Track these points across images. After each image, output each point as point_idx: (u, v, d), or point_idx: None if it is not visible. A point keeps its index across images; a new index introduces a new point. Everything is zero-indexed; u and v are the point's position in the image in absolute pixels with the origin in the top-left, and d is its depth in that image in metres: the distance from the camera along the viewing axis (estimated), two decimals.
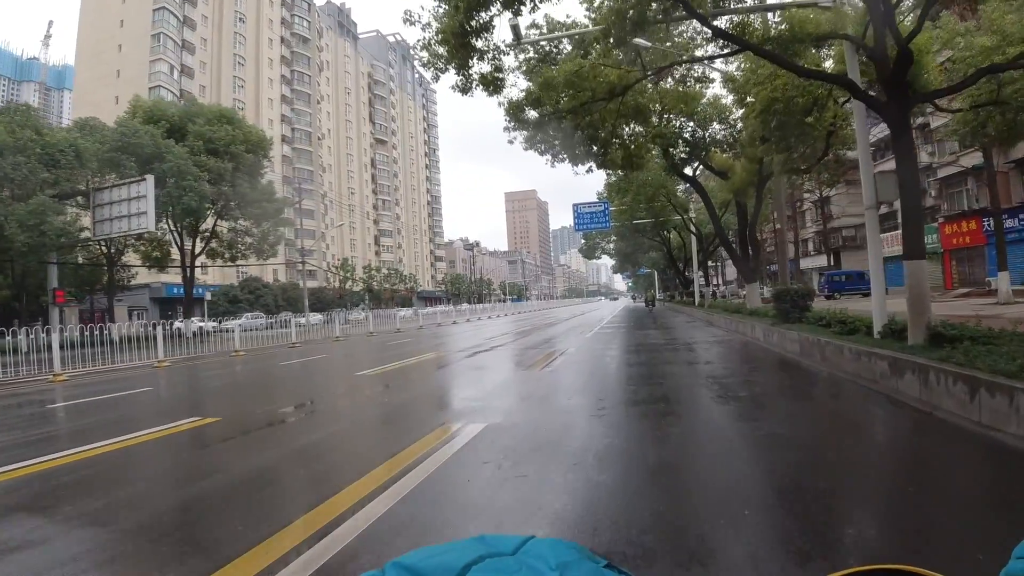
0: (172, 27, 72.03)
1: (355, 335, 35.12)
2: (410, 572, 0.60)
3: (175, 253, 40.88)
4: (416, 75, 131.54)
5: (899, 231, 44.29)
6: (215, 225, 41.21)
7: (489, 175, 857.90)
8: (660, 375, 9.89)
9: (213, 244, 43.26)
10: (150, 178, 30.60)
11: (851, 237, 53.33)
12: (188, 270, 40.70)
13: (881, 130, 39.43)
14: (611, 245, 54.49)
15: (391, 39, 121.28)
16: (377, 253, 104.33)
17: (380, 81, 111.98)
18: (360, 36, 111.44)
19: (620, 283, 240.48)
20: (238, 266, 73.03)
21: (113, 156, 33.10)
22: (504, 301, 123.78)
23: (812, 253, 56.23)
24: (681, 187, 32.26)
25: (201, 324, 51.54)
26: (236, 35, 78.80)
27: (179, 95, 70.91)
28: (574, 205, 36.14)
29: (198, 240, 41.78)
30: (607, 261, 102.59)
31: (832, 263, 53.64)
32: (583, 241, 57.25)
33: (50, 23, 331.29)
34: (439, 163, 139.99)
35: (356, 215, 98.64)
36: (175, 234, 39.50)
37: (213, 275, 69.68)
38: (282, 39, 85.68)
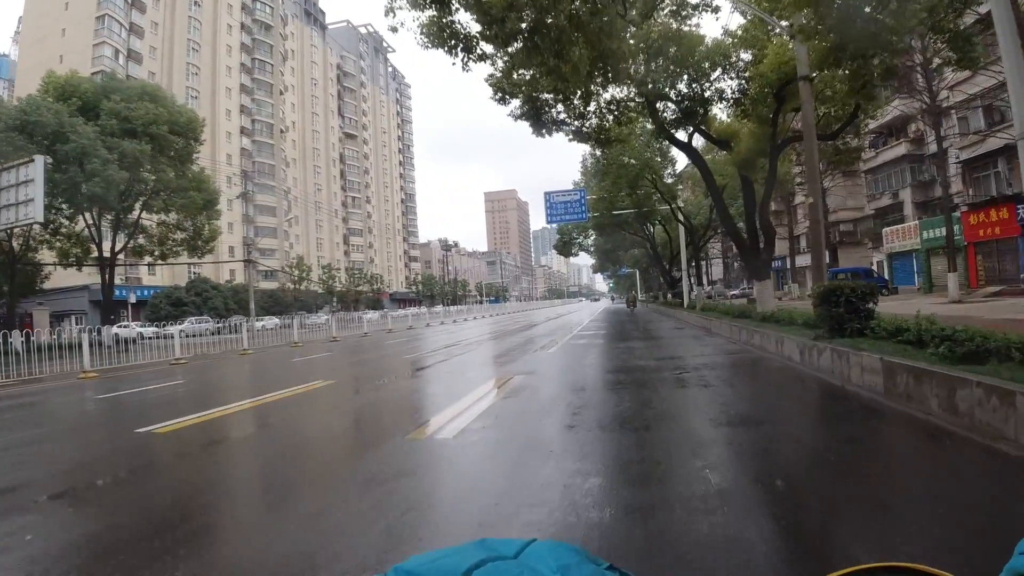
0: (119, 8, 66.66)
1: (314, 341, 32.12)
2: None
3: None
4: (390, 69, 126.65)
5: (907, 223, 40.70)
6: (139, 218, 36.18)
7: (469, 177, 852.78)
8: (663, 459, 4.94)
9: (141, 240, 38.27)
10: (39, 159, 25.52)
11: (849, 232, 49.43)
12: (108, 269, 35.57)
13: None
14: (590, 241, 50.09)
15: (362, 30, 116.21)
16: (347, 253, 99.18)
17: (350, 73, 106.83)
18: (329, 26, 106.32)
19: (602, 284, 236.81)
20: (190, 264, 68.03)
21: (8, 136, 28.21)
22: (481, 303, 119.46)
23: (805, 250, 52.11)
24: (668, 171, 28.00)
25: (140, 329, 46.84)
26: (191, 19, 73.48)
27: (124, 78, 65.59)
28: (546, 194, 31.70)
29: (124, 235, 36.89)
30: (586, 260, 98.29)
31: (829, 260, 49.62)
32: (558, 236, 52.83)
33: None
34: (414, 160, 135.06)
35: (323, 213, 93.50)
36: (91, 228, 34.43)
37: (161, 275, 64.42)
38: (242, 25, 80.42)
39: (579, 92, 18.33)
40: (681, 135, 17.40)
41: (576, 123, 20.07)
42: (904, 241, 37.61)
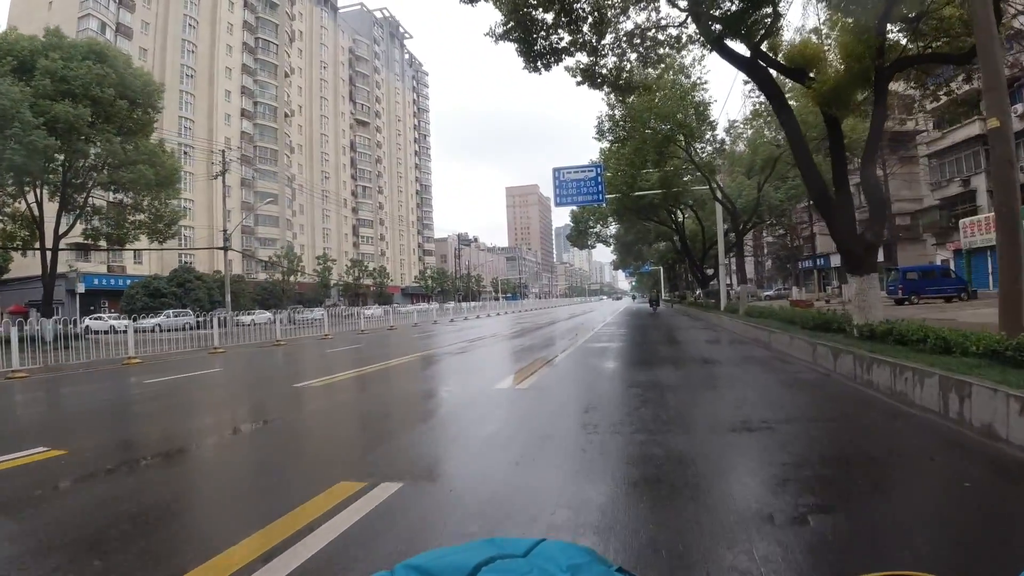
0: None
1: (302, 338, 28.81)
2: (421, 572, 0.60)
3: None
4: (406, 55, 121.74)
5: (983, 215, 34.48)
6: (87, 197, 31.46)
7: (491, 172, 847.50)
8: None
9: (96, 223, 33.50)
10: None
11: (906, 227, 43.28)
12: (51, 254, 30.80)
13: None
14: (609, 231, 44.50)
15: (377, 14, 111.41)
16: (355, 245, 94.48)
17: (363, 58, 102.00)
18: (341, 8, 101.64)
19: (623, 282, 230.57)
20: (184, 251, 63.68)
21: None
22: (497, 299, 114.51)
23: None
24: (707, 136, 22.27)
25: (113, 323, 42.24)
26: None
27: None
28: (555, 170, 26.29)
29: (72, 216, 32.24)
30: (608, 256, 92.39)
31: (884, 259, 43.54)
32: (570, 224, 46.92)
33: None
34: (430, 150, 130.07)
35: (331, 202, 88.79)
36: (31, 207, 29.84)
37: (149, 264, 60.10)
38: (245, 2, 75.87)
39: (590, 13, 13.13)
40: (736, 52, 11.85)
41: (586, 58, 14.73)
42: (989, 234, 31.52)
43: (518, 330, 26.20)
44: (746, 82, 21.47)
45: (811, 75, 11.19)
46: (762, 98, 21.58)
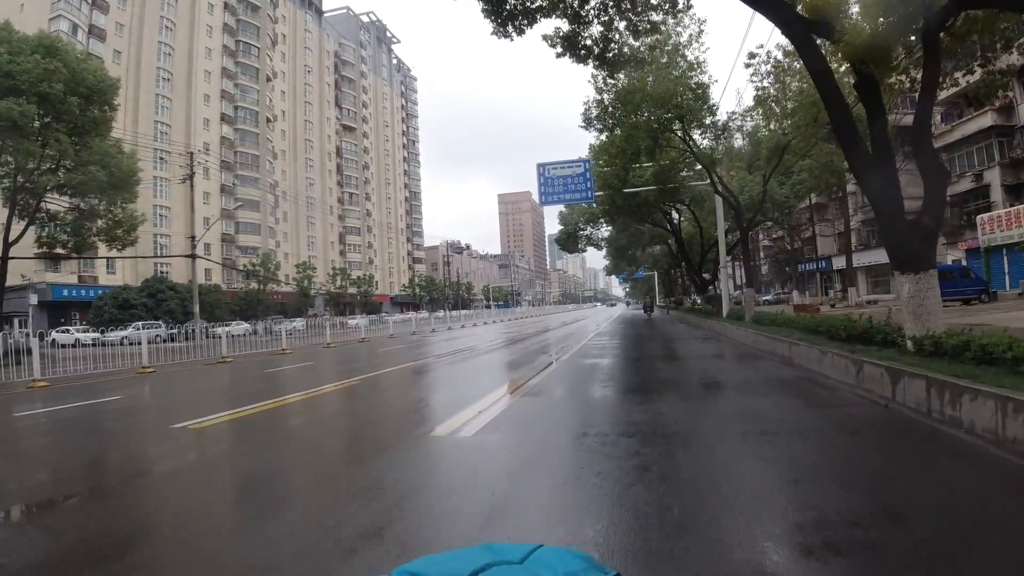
0: None
1: (258, 355, 24.50)
2: None
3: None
4: (394, 60, 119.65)
5: (1000, 211, 32.24)
6: (38, 203, 29.12)
7: (484, 181, 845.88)
8: None
9: (51, 229, 31.11)
10: None
11: None
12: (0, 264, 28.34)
13: None
14: (600, 233, 41.94)
15: (364, 18, 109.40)
16: (342, 253, 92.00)
17: (349, 62, 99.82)
18: (327, 12, 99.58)
19: (618, 289, 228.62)
20: (161, 259, 61.21)
21: None
22: (489, 307, 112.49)
23: (858, 248, 43.96)
24: (708, 120, 19.94)
25: (79, 335, 39.97)
26: None
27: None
28: (539, 166, 24.13)
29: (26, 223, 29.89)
30: (600, 262, 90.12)
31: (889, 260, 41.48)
32: (560, 227, 44.23)
33: None
34: (420, 156, 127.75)
35: (316, 209, 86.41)
36: None
37: (123, 274, 57.60)
38: (225, 4, 73.70)
39: None
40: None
41: (567, 25, 12.55)
42: (1010, 231, 29.47)
43: (500, 342, 23.95)
44: (747, 64, 19.32)
45: (834, 28, 8.97)
46: (765, 83, 19.47)
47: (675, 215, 34.36)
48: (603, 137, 21.18)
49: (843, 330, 10.13)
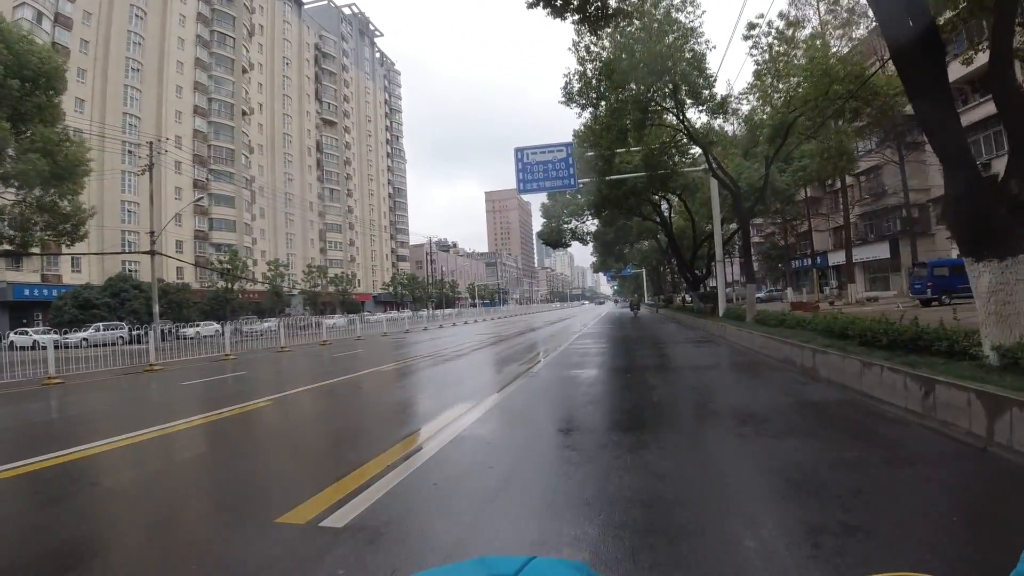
0: None
1: (194, 362, 21.82)
2: None
3: None
4: (377, 54, 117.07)
5: None
6: None
7: (471, 179, 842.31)
8: None
9: None
10: None
11: (915, 220, 39.35)
12: None
13: None
14: (586, 227, 39.51)
15: (346, 10, 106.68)
16: (323, 251, 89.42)
17: (330, 55, 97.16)
18: (307, 4, 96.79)
19: (606, 287, 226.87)
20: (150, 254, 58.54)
21: None
22: (474, 305, 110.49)
23: (855, 243, 42.12)
24: (705, 94, 17.72)
25: (38, 337, 37.52)
26: None
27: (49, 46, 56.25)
28: (517, 151, 22.03)
29: None
30: (588, 259, 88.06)
31: (890, 255, 39.61)
32: (543, 221, 41.68)
33: None
34: (404, 152, 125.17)
35: (295, 205, 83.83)
36: None
37: (89, 272, 54.87)
38: None
39: None
40: None
41: None
42: None
43: (472, 344, 21.94)
44: (746, 36, 17.28)
45: None
46: (767, 56, 17.42)
47: (665, 206, 32.32)
48: (586, 115, 19.02)
49: (883, 334, 8.03)
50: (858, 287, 38.31)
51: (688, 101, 16.96)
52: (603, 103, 16.99)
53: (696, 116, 19.49)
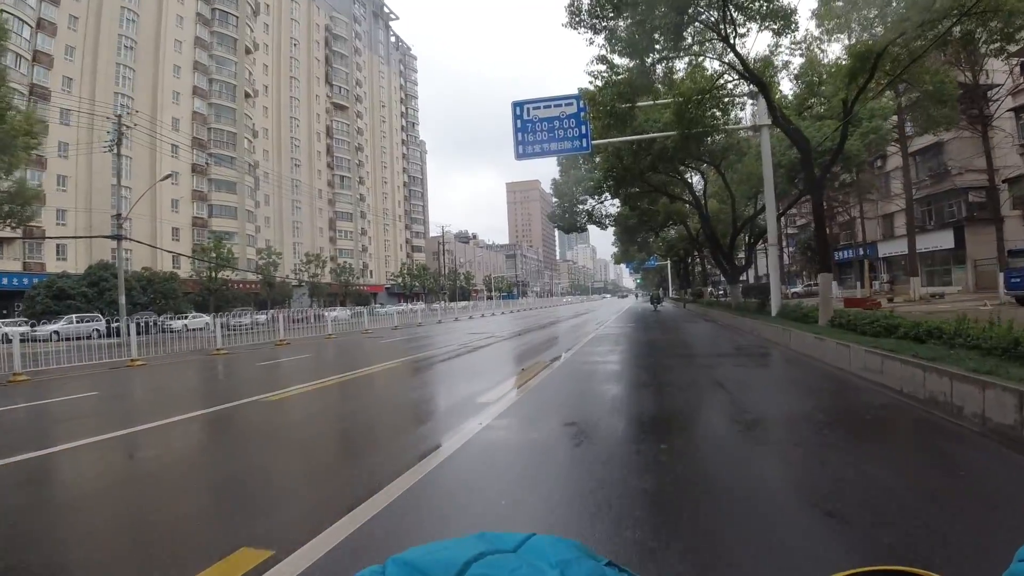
0: None
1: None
2: (411, 568, 0.60)
3: None
4: (392, 37, 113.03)
5: None
6: None
7: (494, 173, 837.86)
8: None
9: None
10: None
11: (980, 205, 34.28)
12: None
13: None
14: (606, 208, 34.32)
15: None
16: (332, 240, 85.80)
17: (341, 37, 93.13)
18: None
19: (629, 280, 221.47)
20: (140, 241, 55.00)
21: None
22: (491, 298, 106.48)
23: (903, 233, 37.15)
24: (763, 25, 13.07)
25: (7, 329, 33.98)
26: None
27: (35, 24, 52.90)
28: (515, 105, 17.53)
29: None
30: (609, 249, 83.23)
31: (954, 245, 34.56)
32: (554, 201, 36.99)
33: None
34: (419, 139, 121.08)
35: (303, 192, 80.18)
36: None
37: (76, 260, 51.47)
38: None
39: None
40: None
41: None
42: None
43: (466, 345, 17.78)
44: None
45: None
46: None
47: (698, 183, 27.54)
48: (597, 47, 14.33)
49: None
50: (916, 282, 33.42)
51: (739, 17, 12.28)
52: (624, 16, 12.46)
53: (747, 47, 14.96)
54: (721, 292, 42.86)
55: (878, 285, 38.38)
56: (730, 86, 15.86)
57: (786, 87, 21.56)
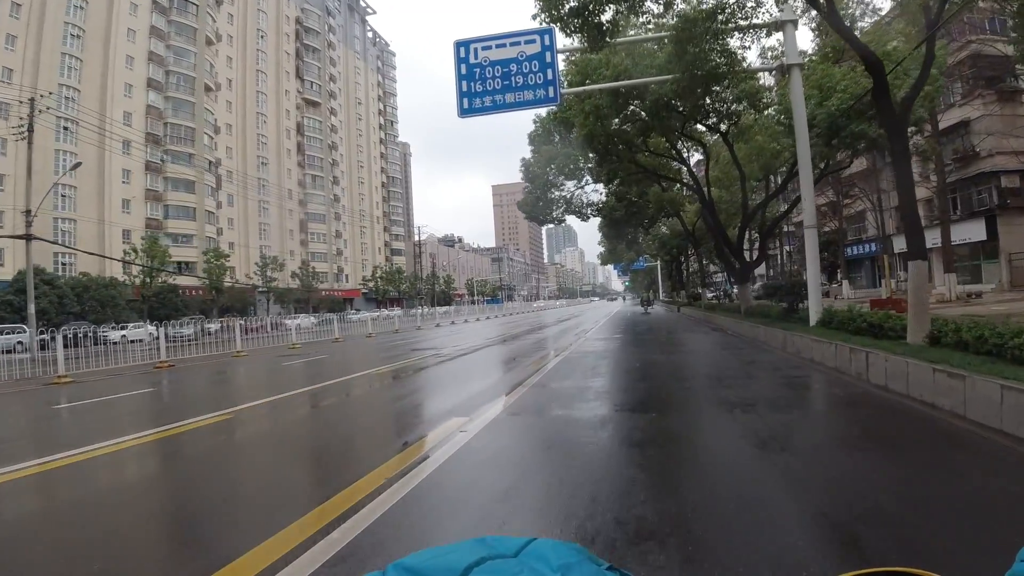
0: None
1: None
2: (412, 573, 0.60)
3: None
4: (369, 32, 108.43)
5: None
6: None
7: (479, 175, 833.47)
8: None
9: None
10: None
11: (1014, 190, 30.29)
12: None
13: None
14: (587, 195, 29.12)
15: None
16: (303, 242, 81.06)
17: (314, 30, 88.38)
18: None
19: (617, 281, 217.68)
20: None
21: None
22: (474, 303, 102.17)
23: (935, 222, 33.16)
24: None
25: None
26: None
27: None
28: (457, 45, 13.10)
29: None
30: (597, 250, 78.90)
31: (987, 237, 30.49)
32: (525, 186, 29.45)
33: None
34: (399, 138, 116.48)
35: (272, 192, 75.46)
36: None
37: (14, 264, 46.47)
38: None
39: None
40: None
41: None
42: None
43: (404, 367, 13.55)
44: None
45: None
46: None
47: (697, 165, 23.19)
48: None
49: None
50: (937, 278, 29.37)
51: None
52: None
53: None
54: (717, 294, 38.67)
55: (895, 284, 34.27)
56: (749, 4, 11.56)
57: None
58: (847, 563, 2.91)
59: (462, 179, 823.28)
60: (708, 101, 15.49)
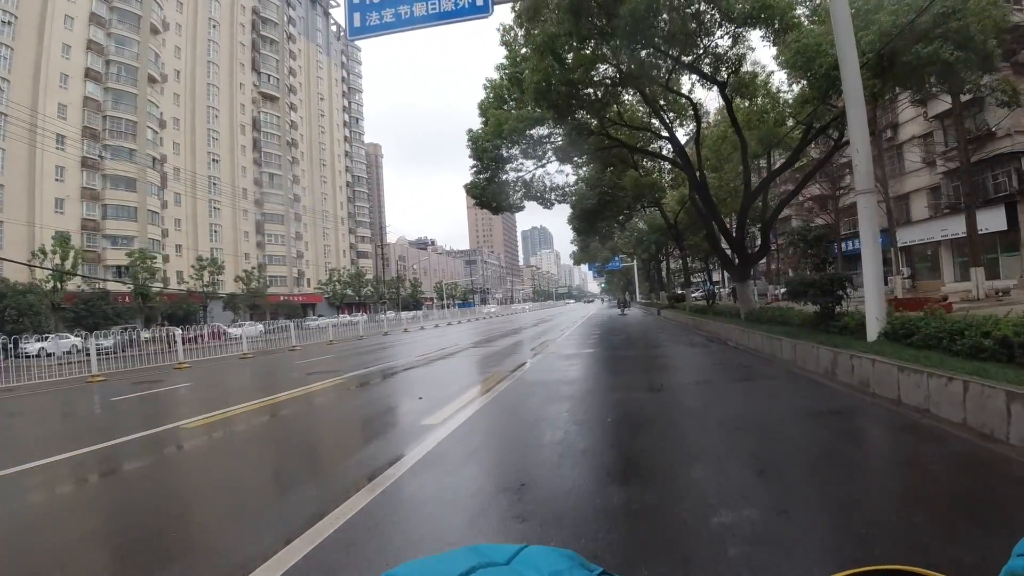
0: None
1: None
2: None
3: None
4: (333, 26, 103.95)
5: None
6: None
7: (452, 177, 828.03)
8: None
9: None
10: None
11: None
12: None
13: None
14: (552, 178, 24.60)
15: None
16: (260, 244, 76.55)
17: (271, 20, 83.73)
18: None
19: (593, 283, 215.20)
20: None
21: None
22: (444, 307, 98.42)
23: (945, 211, 30.06)
24: None
25: None
26: None
27: None
28: None
29: None
30: (567, 246, 75.49)
31: (1007, 227, 27.39)
32: (473, 164, 22.23)
33: None
34: (364, 135, 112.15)
35: (224, 191, 70.91)
36: None
37: None
38: None
39: None
40: None
41: None
42: None
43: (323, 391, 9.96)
44: None
45: None
46: None
47: (690, 128, 19.54)
48: None
49: None
50: (947, 274, 26.26)
51: None
52: None
53: None
54: (705, 295, 35.29)
55: (900, 280, 31.17)
56: None
57: None
58: None
59: (438, 182, 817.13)
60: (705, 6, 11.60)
